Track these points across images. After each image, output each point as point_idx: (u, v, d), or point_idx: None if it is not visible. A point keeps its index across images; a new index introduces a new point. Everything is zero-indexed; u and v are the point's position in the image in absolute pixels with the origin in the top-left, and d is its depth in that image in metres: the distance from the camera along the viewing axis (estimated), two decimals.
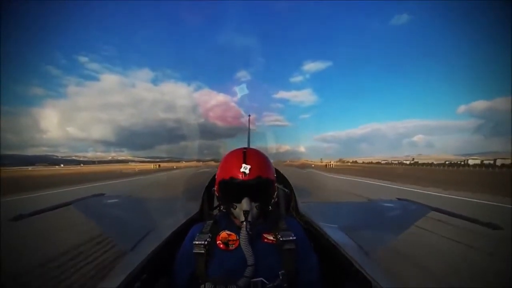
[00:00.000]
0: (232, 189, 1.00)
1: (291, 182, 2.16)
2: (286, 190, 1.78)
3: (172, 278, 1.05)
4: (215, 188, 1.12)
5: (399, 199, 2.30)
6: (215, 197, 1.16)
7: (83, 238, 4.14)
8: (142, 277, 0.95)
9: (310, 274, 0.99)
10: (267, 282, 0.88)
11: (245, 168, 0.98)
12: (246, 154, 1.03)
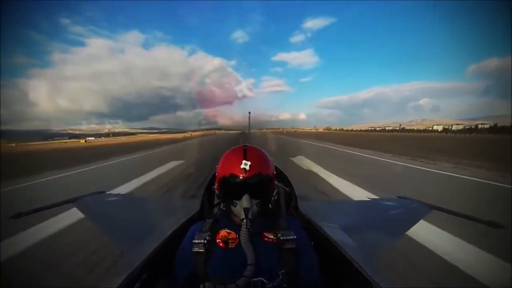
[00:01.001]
0: (233, 186, 1.00)
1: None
2: (287, 189, 1.76)
3: (172, 277, 1.04)
4: (216, 185, 1.12)
5: (399, 197, 2.30)
6: (215, 196, 1.18)
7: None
8: (142, 277, 0.95)
9: (310, 273, 0.98)
10: (266, 282, 0.87)
11: (246, 164, 0.99)
12: (246, 151, 1.04)
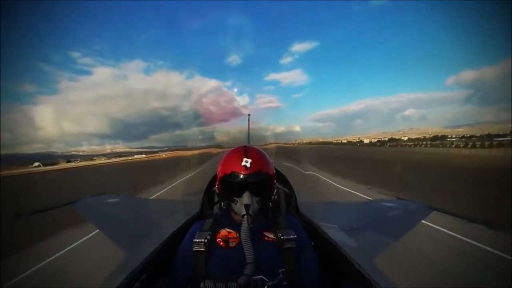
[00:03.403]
0: (234, 183, 0.99)
1: None
2: (287, 190, 1.75)
3: (172, 276, 1.03)
4: (216, 184, 1.12)
5: (398, 198, 2.33)
6: (216, 195, 1.17)
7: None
8: (142, 277, 0.93)
9: (310, 273, 0.97)
10: (267, 280, 0.87)
11: (246, 161, 0.99)
12: (247, 150, 1.05)
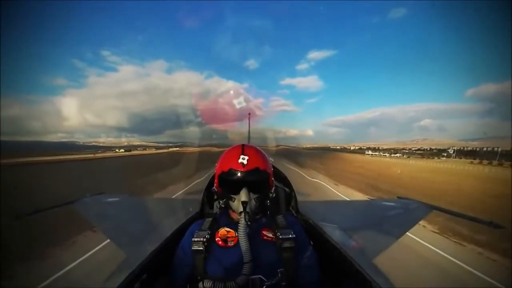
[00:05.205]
0: (231, 180, 0.98)
1: None
2: (286, 189, 1.72)
3: (171, 276, 1.02)
4: (215, 182, 1.10)
5: (399, 197, 2.25)
6: (214, 193, 1.14)
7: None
8: (142, 277, 0.92)
9: (309, 273, 0.96)
10: (265, 280, 0.86)
11: (244, 158, 0.97)
12: (244, 148, 1.03)
